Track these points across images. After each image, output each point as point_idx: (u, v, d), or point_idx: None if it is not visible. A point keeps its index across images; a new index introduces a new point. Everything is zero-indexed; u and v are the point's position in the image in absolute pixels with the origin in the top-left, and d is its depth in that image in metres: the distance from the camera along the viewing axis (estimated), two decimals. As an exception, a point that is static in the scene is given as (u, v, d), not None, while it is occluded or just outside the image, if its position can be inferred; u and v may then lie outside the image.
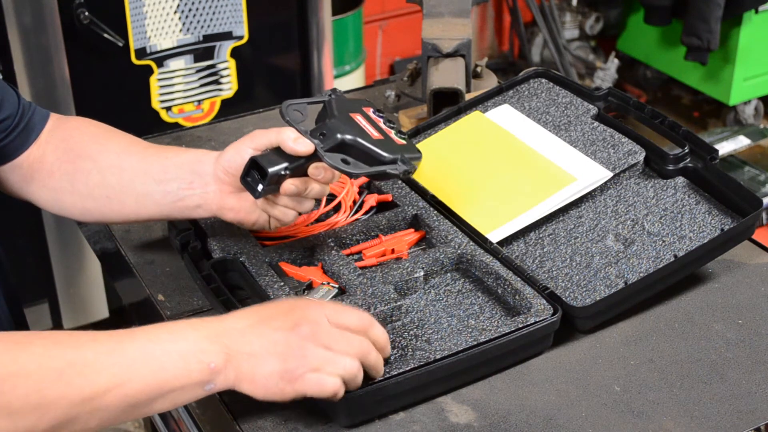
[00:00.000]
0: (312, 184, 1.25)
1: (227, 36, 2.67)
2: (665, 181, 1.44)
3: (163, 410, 1.05)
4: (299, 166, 1.23)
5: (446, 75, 1.64)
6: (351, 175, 1.24)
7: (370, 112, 1.31)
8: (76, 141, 1.34)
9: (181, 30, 2.60)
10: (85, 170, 1.32)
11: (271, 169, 1.21)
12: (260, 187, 1.22)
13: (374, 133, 1.27)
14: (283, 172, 1.22)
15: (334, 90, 1.31)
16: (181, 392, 1.04)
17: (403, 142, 1.31)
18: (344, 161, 1.22)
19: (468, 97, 1.65)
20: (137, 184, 1.31)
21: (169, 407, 1.05)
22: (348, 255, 1.37)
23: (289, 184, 1.22)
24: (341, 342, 1.09)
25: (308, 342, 1.07)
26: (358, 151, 1.24)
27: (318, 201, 1.42)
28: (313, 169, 1.23)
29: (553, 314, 1.24)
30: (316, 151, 1.22)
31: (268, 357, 1.06)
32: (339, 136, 1.23)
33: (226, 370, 1.05)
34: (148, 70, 2.60)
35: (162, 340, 1.04)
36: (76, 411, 0.99)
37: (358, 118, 1.27)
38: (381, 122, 1.30)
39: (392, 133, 1.30)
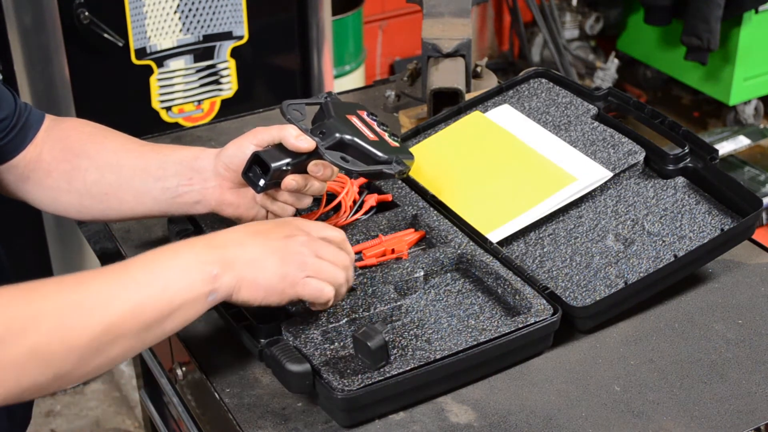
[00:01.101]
0: (311, 181, 1.27)
1: (227, 36, 2.67)
2: (665, 181, 1.44)
3: (174, 330, 1.09)
4: (300, 162, 1.26)
5: (446, 75, 1.64)
6: (350, 173, 1.28)
7: (364, 114, 1.35)
8: (73, 140, 1.35)
9: (181, 30, 2.60)
10: (82, 168, 1.33)
11: (273, 164, 1.23)
12: (262, 182, 1.25)
13: (370, 135, 1.30)
14: (284, 168, 1.24)
15: (329, 93, 1.34)
16: (188, 307, 1.09)
17: (397, 144, 1.34)
18: (343, 159, 1.26)
19: (468, 97, 1.65)
20: (135, 180, 1.32)
21: (178, 327, 1.10)
22: (348, 255, 1.37)
23: (290, 180, 1.25)
24: (330, 253, 1.17)
25: (304, 249, 1.15)
26: (356, 151, 1.27)
27: (318, 200, 1.43)
28: (312, 166, 1.26)
29: (553, 314, 1.24)
30: (316, 148, 1.25)
31: (268, 260, 1.13)
32: (338, 135, 1.27)
33: (226, 276, 1.11)
34: (148, 70, 2.60)
35: (164, 258, 1.09)
36: (98, 342, 1.02)
37: (354, 120, 1.32)
38: (375, 125, 1.35)
39: (386, 136, 1.34)
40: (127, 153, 1.34)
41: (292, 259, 1.14)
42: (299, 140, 1.25)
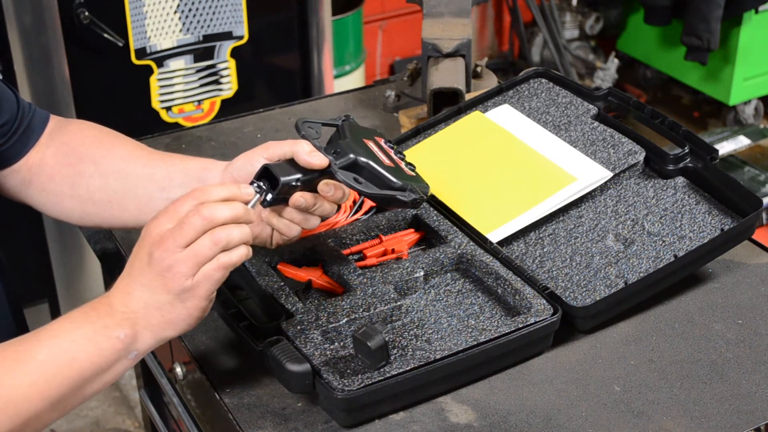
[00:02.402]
0: (321, 201, 1.22)
1: (227, 36, 2.67)
2: (665, 181, 1.44)
3: (99, 391, 1.09)
4: (311, 179, 1.21)
5: (446, 75, 1.64)
6: (362, 194, 1.23)
7: (381, 141, 1.30)
8: (78, 144, 1.32)
9: (181, 30, 2.60)
10: (87, 174, 1.31)
11: (283, 179, 1.18)
12: (269, 196, 1.19)
13: (386, 160, 1.26)
14: (294, 183, 1.19)
15: (347, 116, 1.30)
16: (107, 372, 1.08)
17: (413, 174, 1.29)
18: (356, 180, 1.21)
19: (468, 97, 1.65)
20: (140, 189, 1.30)
21: (103, 387, 1.09)
22: (348, 255, 1.37)
23: (299, 197, 1.20)
24: (185, 234, 1.07)
25: (168, 258, 1.07)
26: (370, 174, 1.22)
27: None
28: (323, 185, 1.21)
29: (553, 314, 1.24)
30: (329, 166, 1.21)
31: (157, 297, 1.08)
32: (352, 155, 1.22)
33: (139, 334, 1.08)
34: (148, 70, 2.60)
35: (65, 330, 1.07)
36: (7, 427, 1.02)
37: (371, 144, 1.27)
38: (392, 152, 1.30)
39: (402, 164, 1.29)
40: (135, 161, 1.31)
41: (168, 279, 1.07)
42: (312, 156, 1.19)
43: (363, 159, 1.22)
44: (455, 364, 1.18)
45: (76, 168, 1.31)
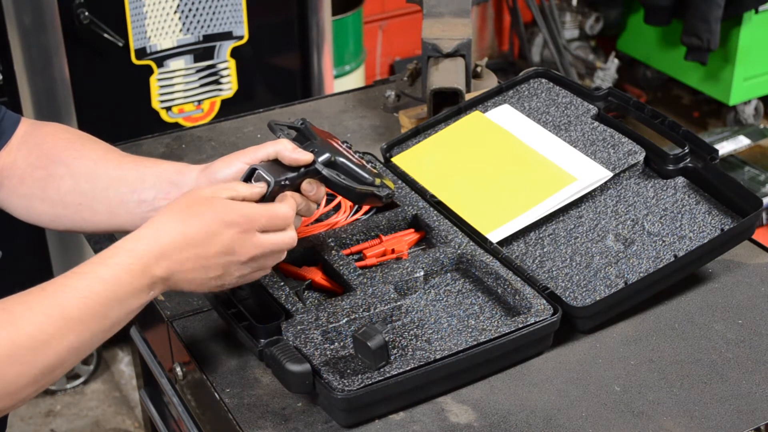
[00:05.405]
0: (304, 201, 1.23)
1: (227, 36, 2.67)
2: (665, 181, 1.44)
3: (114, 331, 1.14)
4: (297, 178, 1.22)
5: (446, 75, 1.64)
6: (347, 189, 1.25)
7: (339, 142, 1.31)
8: (50, 147, 1.30)
9: (181, 30, 2.59)
10: (57, 176, 1.28)
11: (276, 179, 1.19)
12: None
13: (354, 158, 1.27)
14: (283, 183, 1.21)
15: (303, 119, 1.31)
16: (127, 317, 1.12)
17: (375, 171, 1.31)
18: (338, 176, 1.24)
19: (468, 97, 1.65)
20: (111, 191, 1.27)
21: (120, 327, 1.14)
22: (348, 255, 1.37)
23: (290, 198, 1.21)
24: (274, 251, 1.19)
25: (246, 264, 1.17)
26: (346, 172, 1.25)
27: None
28: (306, 185, 1.22)
29: (553, 314, 1.24)
30: (313, 163, 1.22)
31: (208, 279, 1.16)
32: (329, 154, 1.24)
33: (165, 287, 1.14)
34: (148, 70, 2.60)
35: (97, 292, 1.08)
36: (37, 382, 1.04)
37: (335, 144, 1.28)
38: (351, 152, 1.31)
39: (364, 162, 1.30)
40: (106, 163, 1.29)
41: (235, 276, 1.17)
42: (297, 153, 1.21)
43: (340, 157, 1.24)
44: (455, 364, 1.18)
45: (48, 170, 1.29)
